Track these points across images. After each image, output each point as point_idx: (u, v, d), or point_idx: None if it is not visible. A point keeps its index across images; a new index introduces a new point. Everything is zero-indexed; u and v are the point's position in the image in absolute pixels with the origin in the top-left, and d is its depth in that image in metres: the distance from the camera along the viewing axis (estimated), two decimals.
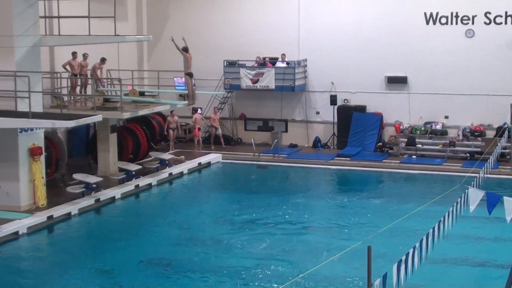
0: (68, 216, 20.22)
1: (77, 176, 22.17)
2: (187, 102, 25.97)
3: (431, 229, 10.86)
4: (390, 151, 28.41)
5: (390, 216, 19.53)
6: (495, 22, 27.72)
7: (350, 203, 21.70)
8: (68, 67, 25.09)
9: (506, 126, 25.40)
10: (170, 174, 25.32)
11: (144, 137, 26.46)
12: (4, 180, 20.04)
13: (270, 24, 30.53)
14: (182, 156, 27.54)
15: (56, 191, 21.94)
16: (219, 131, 29.88)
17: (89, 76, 25.92)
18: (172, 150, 28.48)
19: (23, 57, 20.28)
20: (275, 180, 24.96)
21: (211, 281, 15.33)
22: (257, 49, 30.41)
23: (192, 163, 26.93)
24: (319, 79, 30.25)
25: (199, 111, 30.45)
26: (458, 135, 28.13)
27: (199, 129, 29.45)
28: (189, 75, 24.81)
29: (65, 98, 23.82)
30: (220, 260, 16.63)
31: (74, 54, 24.98)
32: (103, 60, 26.05)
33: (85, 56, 25.56)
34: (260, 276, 15.45)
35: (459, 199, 11.77)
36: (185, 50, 24.92)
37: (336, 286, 14.88)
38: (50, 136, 22.99)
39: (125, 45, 29.31)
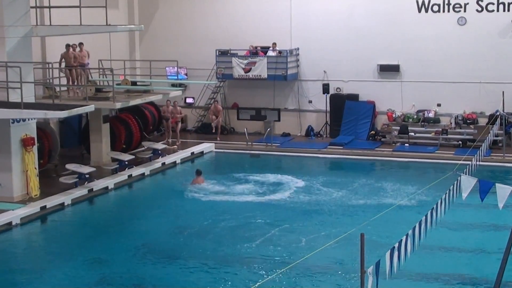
0: (61, 206, 20.21)
1: (70, 167, 22.14)
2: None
3: (424, 217, 10.89)
4: (382, 139, 28.46)
5: (382, 204, 19.61)
6: (487, 10, 27.73)
7: (343, 192, 21.70)
8: (63, 62, 24.88)
9: (498, 113, 25.45)
10: (163, 164, 25.32)
11: (136, 127, 26.40)
12: None
13: (262, 13, 30.47)
14: (175, 146, 27.52)
15: (49, 181, 21.91)
16: (219, 122, 29.67)
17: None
18: (169, 139, 28.37)
19: (14, 48, 20.20)
20: (267, 169, 24.95)
21: (205, 269, 15.36)
22: (249, 38, 30.37)
23: (185, 153, 26.93)
24: (311, 68, 30.24)
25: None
26: (451, 123, 28.19)
27: (176, 122, 28.44)
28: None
29: (57, 89, 23.72)
30: (214, 248, 16.66)
31: (67, 46, 24.77)
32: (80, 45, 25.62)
33: (80, 46, 25.27)
34: (253, 264, 15.48)
35: (451, 187, 11.80)
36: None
37: (330, 273, 14.93)
38: (42, 127, 22.93)
39: (116, 34, 29.18)
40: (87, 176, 21.81)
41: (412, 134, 28.13)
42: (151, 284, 14.77)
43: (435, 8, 28.37)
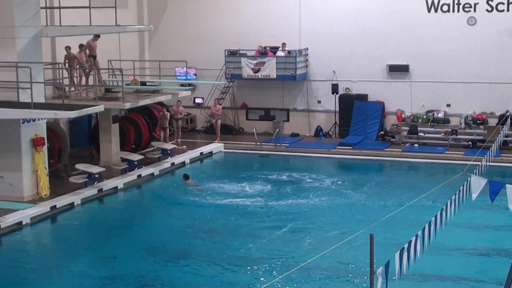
0: (71, 206, 20.28)
1: (80, 167, 22.20)
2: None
3: (434, 217, 10.86)
4: (392, 139, 28.40)
5: (392, 205, 19.59)
6: (497, 10, 27.63)
7: (352, 192, 21.68)
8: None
9: (508, 114, 25.40)
10: (172, 164, 25.37)
11: (146, 127, 26.45)
12: (7, 171, 20.08)
13: (271, 13, 30.45)
14: (184, 146, 27.54)
15: (59, 181, 21.98)
16: (218, 121, 29.38)
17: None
18: (178, 140, 28.32)
19: (24, 48, 20.27)
20: (276, 169, 24.96)
21: (213, 269, 15.38)
22: (258, 38, 30.36)
23: (194, 153, 26.95)
24: (320, 68, 30.20)
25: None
26: (460, 123, 28.10)
27: (163, 128, 27.45)
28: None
29: (66, 89, 23.78)
30: (222, 249, 16.66)
31: (81, 46, 24.82)
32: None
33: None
34: (261, 264, 15.47)
35: (461, 187, 11.76)
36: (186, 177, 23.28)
37: (339, 274, 14.92)
38: (52, 127, 23.00)
39: (125, 34, 29.21)
40: (96, 176, 21.88)
41: (422, 134, 28.05)
42: (159, 283, 14.81)
43: (445, 8, 28.29)
